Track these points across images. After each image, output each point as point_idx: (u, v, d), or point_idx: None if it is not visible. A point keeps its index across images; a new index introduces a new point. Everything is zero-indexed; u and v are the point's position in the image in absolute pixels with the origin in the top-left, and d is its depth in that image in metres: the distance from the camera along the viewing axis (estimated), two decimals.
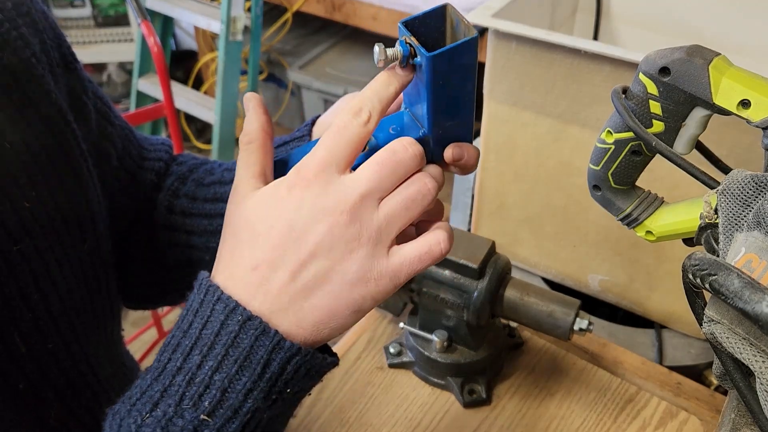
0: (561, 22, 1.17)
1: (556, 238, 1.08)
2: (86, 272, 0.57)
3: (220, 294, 0.42)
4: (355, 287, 0.43)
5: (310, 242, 0.42)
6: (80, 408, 0.58)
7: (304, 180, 0.42)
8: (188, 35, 2.89)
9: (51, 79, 0.53)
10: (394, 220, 0.43)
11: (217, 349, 0.41)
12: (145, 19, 1.56)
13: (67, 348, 0.56)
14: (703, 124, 0.54)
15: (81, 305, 0.57)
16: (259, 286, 0.42)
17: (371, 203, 0.42)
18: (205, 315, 0.42)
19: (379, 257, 0.43)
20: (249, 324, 0.41)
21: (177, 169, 0.69)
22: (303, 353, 0.42)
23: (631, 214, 0.61)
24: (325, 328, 0.43)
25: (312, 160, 0.43)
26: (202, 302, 0.43)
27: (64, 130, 0.54)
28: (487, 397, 0.84)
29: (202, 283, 0.44)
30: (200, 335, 0.42)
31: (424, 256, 0.44)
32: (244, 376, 0.41)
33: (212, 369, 0.41)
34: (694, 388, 0.87)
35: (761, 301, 0.38)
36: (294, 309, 0.42)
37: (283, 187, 0.43)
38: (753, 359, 0.42)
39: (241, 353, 0.41)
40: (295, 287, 0.42)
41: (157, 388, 0.42)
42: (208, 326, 0.42)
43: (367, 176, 0.43)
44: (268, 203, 0.43)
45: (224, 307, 0.42)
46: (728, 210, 0.48)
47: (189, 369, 0.41)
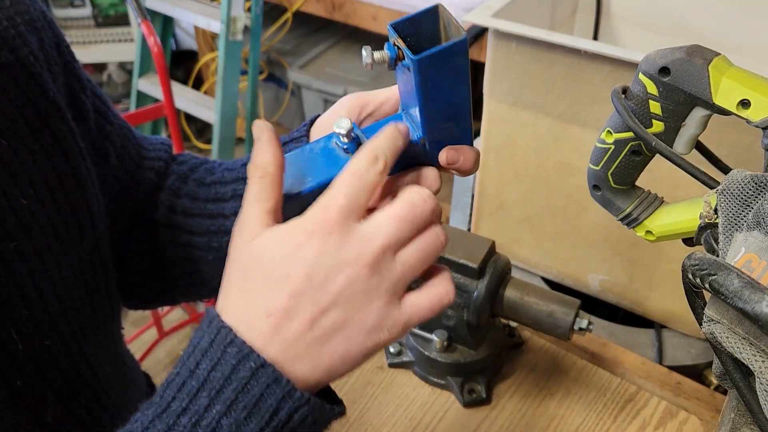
0: (561, 22, 1.17)
1: (556, 238, 1.08)
2: (85, 271, 0.57)
3: (233, 337, 0.42)
4: (370, 335, 0.43)
5: (330, 292, 0.42)
6: (79, 407, 0.58)
7: (325, 228, 0.42)
8: (188, 35, 2.89)
9: (49, 78, 0.54)
10: (410, 271, 0.44)
11: (227, 393, 0.41)
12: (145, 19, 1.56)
13: (65, 346, 0.56)
14: (702, 124, 0.54)
15: (79, 304, 0.57)
16: (274, 334, 0.42)
17: (390, 256, 0.43)
18: (215, 357, 0.42)
19: (394, 307, 0.43)
20: (261, 371, 0.41)
21: (178, 169, 0.69)
22: (311, 404, 0.42)
23: (631, 214, 0.61)
24: (336, 373, 0.44)
25: (332, 207, 0.42)
26: (212, 342, 0.42)
27: (62, 129, 0.54)
28: (487, 396, 0.84)
29: (213, 322, 0.43)
30: (208, 377, 0.41)
31: (435, 306, 0.45)
32: (252, 422, 0.41)
33: (220, 414, 0.41)
34: (694, 387, 0.87)
35: (761, 300, 0.38)
36: (310, 355, 0.42)
37: (301, 232, 0.42)
38: (752, 359, 0.42)
39: (251, 400, 0.41)
40: (312, 335, 0.42)
41: (160, 426, 0.41)
42: (217, 369, 0.41)
43: (388, 230, 0.43)
44: (285, 248, 0.42)
45: (237, 352, 0.41)
46: (728, 210, 0.48)
47: (196, 411, 0.41)
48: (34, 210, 0.50)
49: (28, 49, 0.51)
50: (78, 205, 0.55)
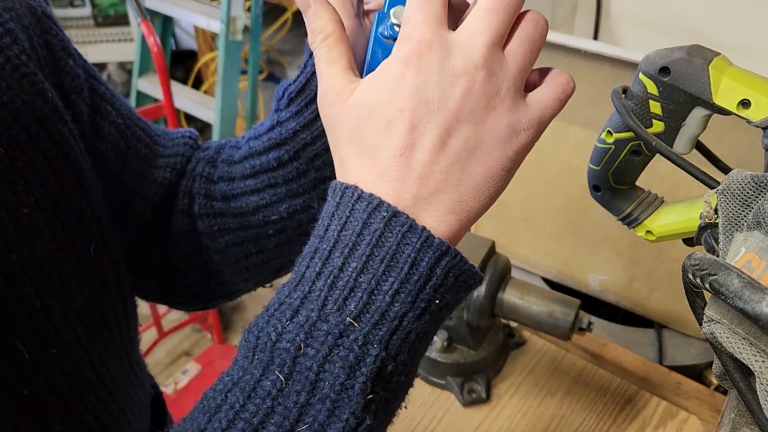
0: (561, 21, 1.16)
1: (556, 238, 1.08)
2: (91, 275, 0.55)
3: (360, 192, 0.39)
4: (509, 143, 0.40)
5: (450, 109, 0.39)
6: (85, 412, 0.57)
7: (420, 47, 0.39)
8: (188, 35, 2.89)
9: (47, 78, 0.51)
10: (523, 64, 0.41)
11: (361, 249, 0.38)
12: (145, 19, 1.56)
13: (70, 353, 0.54)
14: (703, 124, 0.54)
15: (84, 309, 0.55)
16: (407, 173, 0.39)
17: (497, 53, 0.39)
18: (343, 216, 0.39)
19: (522, 106, 0.41)
20: (394, 221, 0.38)
21: (203, 155, 0.65)
22: (452, 254, 0.39)
23: (631, 214, 0.61)
24: (484, 200, 0.41)
25: (417, 26, 0.39)
26: (338, 204, 0.39)
27: (62, 131, 0.51)
28: (487, 396, 0.84)
29: (337, 187, 0.40)
30: (339, 237, 0.38)
31: (561, 96, 0.43)
32: (391, 276, 0.37)
33: (357, 270, 0.38)
34: (694, 387, 0.87)
35: (761, 300, 0.37)
36: (452, 185, 0.39)
37: (397, 63, 0.39)
38: (753, 359, 0.42)
39: (387, 252, 0.38)
40: (447, 161, 0.39)
41: (296, 295, 0.39)
42: (347, 227, 0.38)
43: (485, 26, 0.39)
44: (387, 86, 0.39)
45: (366, 206, 0.38)
46: (728, 210, 0.48)
47: (330, 272, 0.38)
48: (34, 218, 0.48)
49: (19, 48, 0.48)
50: (82, 209, 0.53)
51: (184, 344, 2.12)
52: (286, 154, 0.56)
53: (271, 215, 0.59)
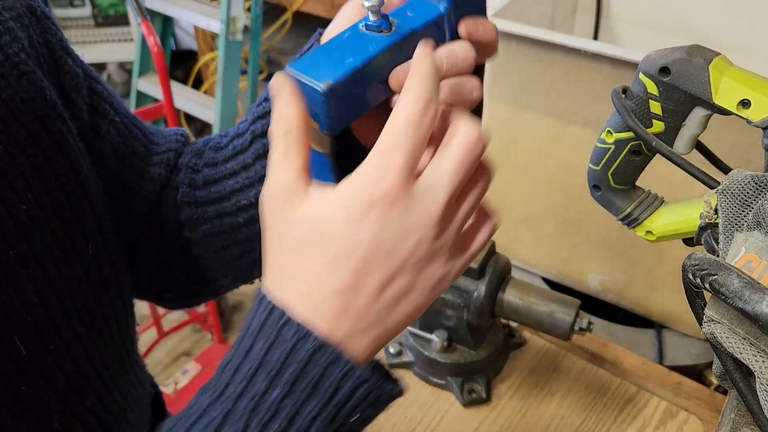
0: (561, 21, 1.17)
1: (556, 238, 1.08)
2: (90, 272, 0.55)
3: (288, 319, 0.40)
4: (437, 287, 0.43)
5: (397, 260, 0.40)
6: (84, 410, 0.57)
7: (387, 198, 0.39)
8: (188, 35, 2.88)
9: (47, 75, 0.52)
10: (467, 217, 0.43)
11: (286, 376, 0.40)
12: (145, 19, 1.56)
13: (69, 350, 0.54)
14: (703, 124, 0.54)
15: (83, 306, 0.55)
16: (342, 313, 0.41)
17: (451, 210, 0.42)
18: (269, 338, 0.40)
19: (456, 257, 0.43)
20: (321, 352, 0.39)
21: (191, 147, 0.67)
22: (372, 381, 0.41)
23: (631, 214, 0.61)
24: (405, 325, 0.43)
25: (391, 171, 0.39)
26: (263, 323, 0.41)
27: (60, 129, 0.52)
28: (487, 396, 0.84)
29: (263, 301, 0.41)
30: (264, 360, 0.40)
31: (488, 239, 0.45)
32: (313, 402, 0.40)
33: (281, 396, 0.40)
34: (694, 387, 0.87)
35: (761, 300, 0.37)
36: (377, 325, 0.41)
37: (360, 202, 0.40)
38: (753, 359, 0.42)
39: (312, 380, 0.40)
40: (380, 305, 0.41)
41: (217, 412, 0.40)
42: (273, 351, 0.40)
43: (449, 183, 0.41)
44: (345, 222, 0.40)
45: (294, 333, 0.40)
46: (728, 210, 0.48)
47: (254, 395, 0.40)
48: (33, 215, 0.49)
49: (18, 46, 0.48)
50: (80, 207, 0.53)
51: (184, 344, 2.12)
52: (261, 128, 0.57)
53: (242, 199, 0.60)
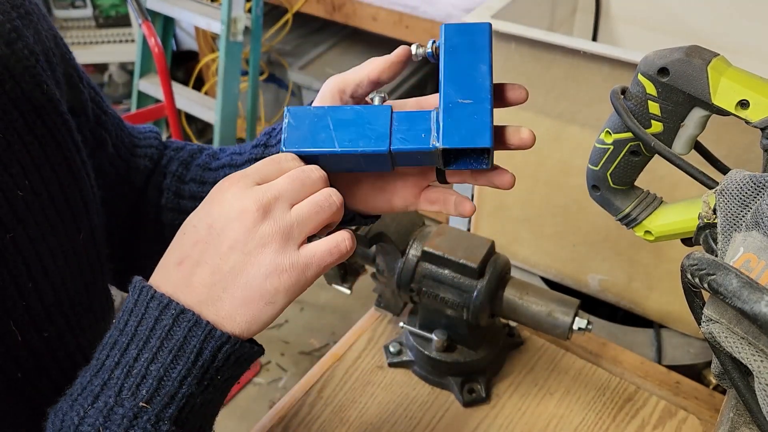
0: (560, 22, 1.17)
1: (555, 238, 1.08)
2: (81, 263, 0.58)
3: (153, 292, 0.46)
4: (267, 279, 0.46)
5: (228, 237, 0.46)
6: None
7: (226, 184, 0.48)
8: (189, 36, 2.89)
9: (46, 70, 0.54)
10: (305, 221, 0.48)
11: (152, 342, 0.45)
12: (146, 20, 1.56)
13: (61, 338, 0.57)
14: (701, 125, 0.54)
15: (75, 296, 0.58)
16: (185, 282, 0.47)
17: (283, 205, 0.47)
18: (139, 313, 0.46)
19: (290, 251, 0.47)
20: (182, 317, 0.45)
21: (177, 155, 0.72)
22: (232, 342, 0.46)
23: (630, 214, 0.61)
24: (242, 320, 0.47)
25: (237, 172, 0.49)
26: (136, 302, 0.47)
27: (56, 121, 0.55)
28: (487, 396, 0.85)
29: (136, 285, 0.47)
30: (136, 332, 0.46)
31: (333, 249, 0.48)
32: (179, 365, 0.45)
33: (148, 360, 0.45)
34: (693, 387, 0.87)
35: (760, 300, 0.38)
36: (213, 300, 0.46)
37: (214, 192, 0.49)
38: (751, 358, 0.42)
39: (175, 344, 0.45)
40: (213, 280, 0.46)
41: (97, 382, 0.45)
42: (143, 323, 0.46)
43: (280, 184, 0.48)
44: (201, 208, 0.49)
45: (158, 304, 0.46)
46: (727, 210, 0.48)
47: (126, 363, 0.45)
48: (28, 201, 0.52)
49: (23, 43, 0.52)
50: (72, 196, 0.57)
51: None
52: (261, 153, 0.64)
53: None
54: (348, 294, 0.95)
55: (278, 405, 0.85)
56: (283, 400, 0.86)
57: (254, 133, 2.26)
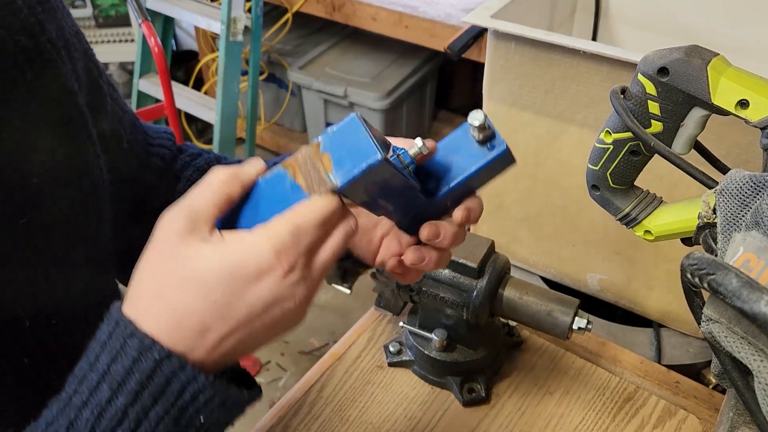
0: (560, 22, 1.17)
1: (555, 238, 1.08)
2: (89, 254, 0.58)
3: (134, 330, 0.42)
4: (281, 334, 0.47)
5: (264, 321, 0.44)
6: None
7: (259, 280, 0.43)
8: (189, 35, 2.89)
9: (66, 64, 0.56)
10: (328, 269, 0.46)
11: (130, 385, 0.42)
12: (146, 20, 1.56)
13: (68, 328, 0.57)
14: (701, 124, 0.54)
15: (84, 286, 0.58)
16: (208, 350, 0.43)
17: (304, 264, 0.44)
18: (114, 349, 0.42)
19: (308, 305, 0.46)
20: (166, 362, 0.42)
21: (194, 162, 0.73)
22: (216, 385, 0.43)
23: (630, 214, 0.61)
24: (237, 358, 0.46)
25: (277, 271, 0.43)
26: (111, 335, 0.43)
27: (72, 114, 0.56)
28: (487, 395, 0.85)
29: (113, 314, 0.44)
30: (109, 370, 0.42)
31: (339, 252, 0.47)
32: (158, 407, 0.42)
33: (126, 404, 0.41)
34: (693, 386, 0.87)
35: (759, 300, 0.38)
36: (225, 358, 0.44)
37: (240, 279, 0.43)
38: (751, 358, 0.42)
39: (156, 387, 0.42)
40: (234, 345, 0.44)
41: (63, 422, 0.42)
42: (117, 361, 0.42)
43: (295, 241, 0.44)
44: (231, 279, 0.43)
45: (138, 344, 0.42)
46: (726, 210, 0.48)
47: (97, 404, 0.42)
48: (43, 189, 0.52)
49: (45, 37, 0.53)
50: (85, 187, 0.57)
51: None
52: None
53: None
54: (348, 294, 0.95)
55: (278, 404, 0.85)
56: (283, 399, 0.86)
57: (254, 132, 2.26)
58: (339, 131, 0.46)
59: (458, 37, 1.14)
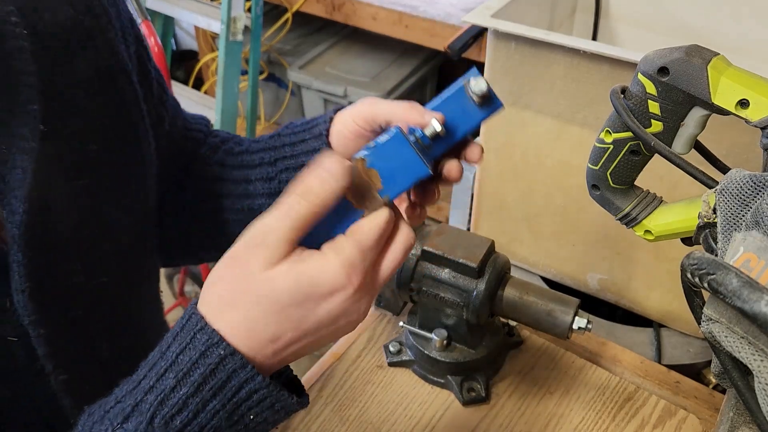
0: (560, 22, 1.17)
1: (555, 238, 1.08)
2: (137, 221, 0.64)
3: (204, 325, 0.45)
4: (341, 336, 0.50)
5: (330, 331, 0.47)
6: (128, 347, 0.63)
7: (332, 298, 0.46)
8: (189, 35, 2.88)
9: (121, 45, 0.61)
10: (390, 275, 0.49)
11: (194, 377, 0.44)
12: (146, 19, 1.56)
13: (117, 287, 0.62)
14: (701, 124, 0.54)
15: (131, 251, 0.64)
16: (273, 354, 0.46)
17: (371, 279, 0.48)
18: (184, 341, 0.45)
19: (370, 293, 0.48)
20: (229, 359, 0.44)
21: (211, 141, 0.78)
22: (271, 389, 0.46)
23: (630, 214, 0.61)
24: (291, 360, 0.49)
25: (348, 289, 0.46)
26: (183, 327, 0.46)
27: (126, 89, 0.61)
28: (486, 395, 0.85)
29: (189, 308, 0.47)
30: (177, 360, 0.45)
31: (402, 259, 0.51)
32: (215, 400, 0.45)
33: (188, 394, 0.44)
34: (693, 386, 0.87)
35: (759, 300, 0.38)
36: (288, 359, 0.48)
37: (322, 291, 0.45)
38: (751, 358, 0.42)
39: (217, 382, 0.44)
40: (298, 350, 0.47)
41: (129, 402, 0.45)
42: (185, 353, 0.45)
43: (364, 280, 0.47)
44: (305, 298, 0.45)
45: (207, 339, 0.45)
46: (727, 209, 0.48)
47: (162, 390, 0.44)
48: (99, 156, 0.58)
49: (106, 19, 0.59)
50: (134, 157, 0.63)
51: None
52: (267, 156, 0.69)
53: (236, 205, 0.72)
54: None
55: None
56: None
57: (254, 132, 2.26)
58: (383, 146, 0.48)
59: (458, 37, 1.13)
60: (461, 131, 0.54)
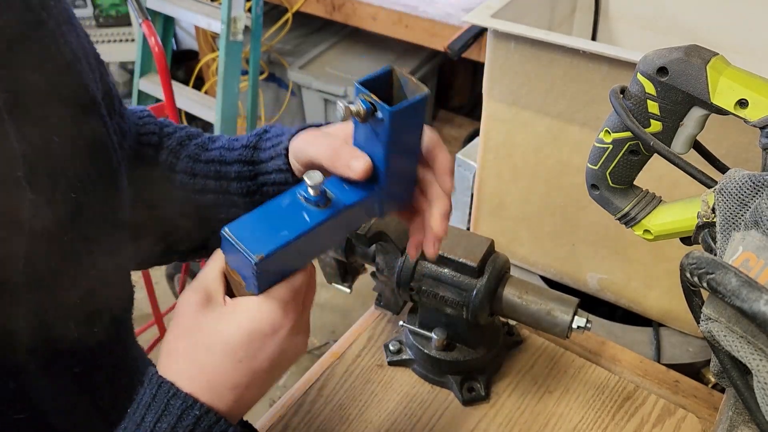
0: (560, 21, 1.17)
1: (554, 237, 1.08)
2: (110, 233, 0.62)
3: (176, 390, 0.48)
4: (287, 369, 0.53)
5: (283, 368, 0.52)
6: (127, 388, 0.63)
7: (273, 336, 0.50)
8: (189, 35, 2.89)
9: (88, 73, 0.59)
10: None
11: None
12: (146, 19, 1.56)
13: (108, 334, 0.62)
14: (701, 124, 0.54)
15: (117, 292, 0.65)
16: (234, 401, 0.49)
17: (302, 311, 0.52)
18: (159, 409, 0.47)
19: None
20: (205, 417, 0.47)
21: (168, 143, 0.73)
22: None
23: (629, 213, 0.61)
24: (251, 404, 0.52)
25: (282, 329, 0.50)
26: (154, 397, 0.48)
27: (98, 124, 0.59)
28: (486, 394, 0.85)
29: (153, 379, 0.49)
30: (155, 428, 0.47)
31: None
32: None
33: None
34: (692, 385, 0.87)
35: (759, 299, 0.38)
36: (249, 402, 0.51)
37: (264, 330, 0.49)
38: (750, 357, 0.42)
39: None
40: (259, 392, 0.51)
41: None
42: (163, 420, 0.47)
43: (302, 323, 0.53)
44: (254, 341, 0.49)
45: (181, 403, 0.47)
46: (726, 209, 0.48)
47: None
48: (80, 203, 0.56)
49: (69, 48, 0.57)
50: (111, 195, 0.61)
51: None
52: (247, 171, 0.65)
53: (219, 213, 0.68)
54: (348, 293, 0.95)
55: (278, 404, 0.86)
56: (283, 398, 0.86)
57: None
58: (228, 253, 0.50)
59: (458, 37, 1.14)
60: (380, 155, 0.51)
